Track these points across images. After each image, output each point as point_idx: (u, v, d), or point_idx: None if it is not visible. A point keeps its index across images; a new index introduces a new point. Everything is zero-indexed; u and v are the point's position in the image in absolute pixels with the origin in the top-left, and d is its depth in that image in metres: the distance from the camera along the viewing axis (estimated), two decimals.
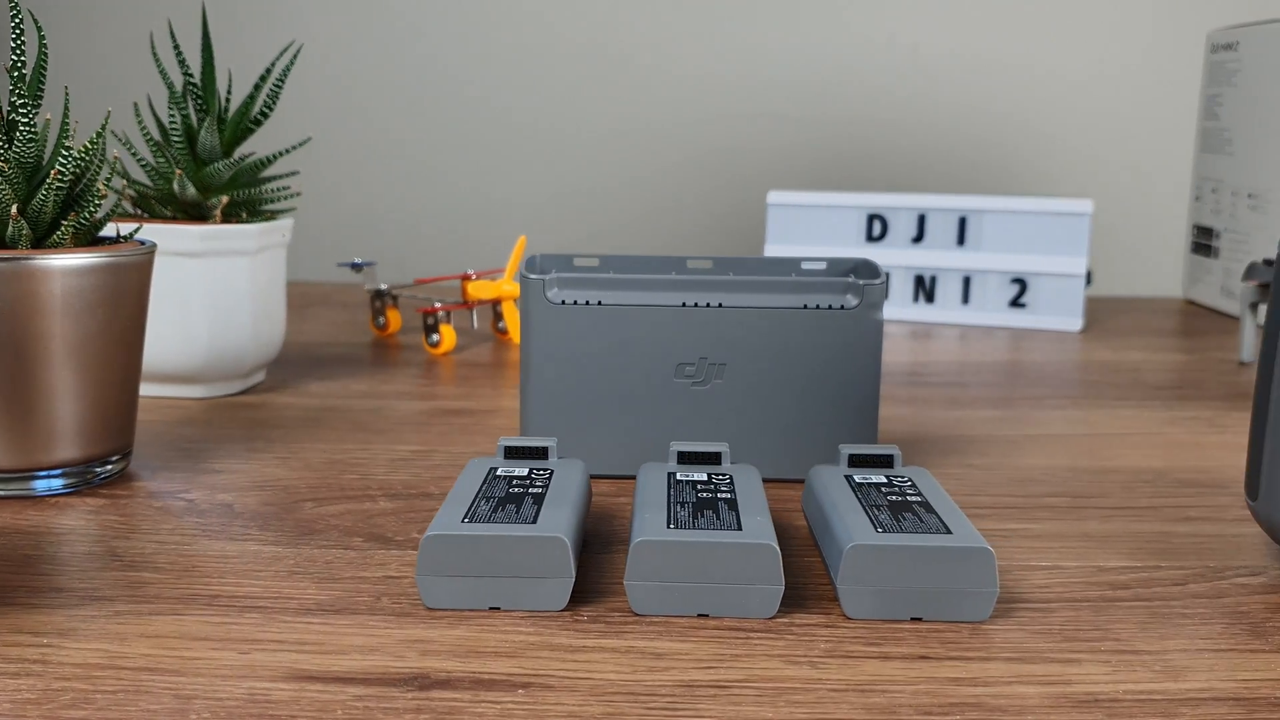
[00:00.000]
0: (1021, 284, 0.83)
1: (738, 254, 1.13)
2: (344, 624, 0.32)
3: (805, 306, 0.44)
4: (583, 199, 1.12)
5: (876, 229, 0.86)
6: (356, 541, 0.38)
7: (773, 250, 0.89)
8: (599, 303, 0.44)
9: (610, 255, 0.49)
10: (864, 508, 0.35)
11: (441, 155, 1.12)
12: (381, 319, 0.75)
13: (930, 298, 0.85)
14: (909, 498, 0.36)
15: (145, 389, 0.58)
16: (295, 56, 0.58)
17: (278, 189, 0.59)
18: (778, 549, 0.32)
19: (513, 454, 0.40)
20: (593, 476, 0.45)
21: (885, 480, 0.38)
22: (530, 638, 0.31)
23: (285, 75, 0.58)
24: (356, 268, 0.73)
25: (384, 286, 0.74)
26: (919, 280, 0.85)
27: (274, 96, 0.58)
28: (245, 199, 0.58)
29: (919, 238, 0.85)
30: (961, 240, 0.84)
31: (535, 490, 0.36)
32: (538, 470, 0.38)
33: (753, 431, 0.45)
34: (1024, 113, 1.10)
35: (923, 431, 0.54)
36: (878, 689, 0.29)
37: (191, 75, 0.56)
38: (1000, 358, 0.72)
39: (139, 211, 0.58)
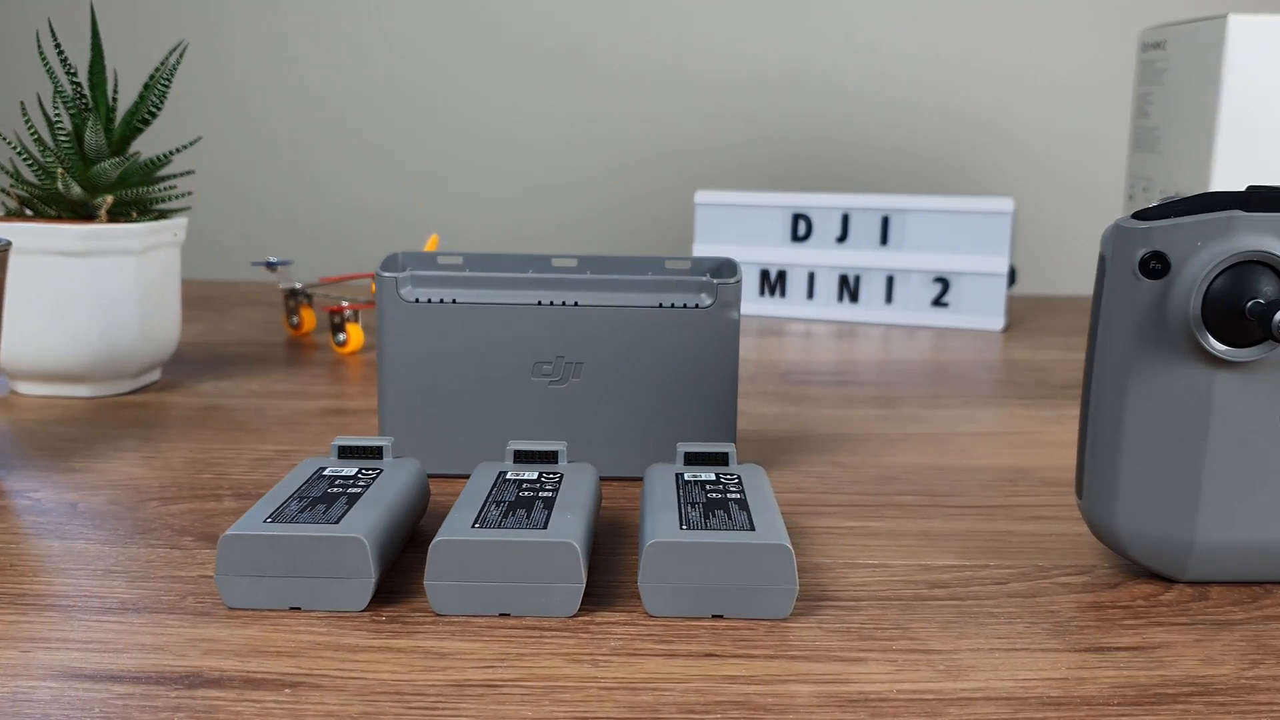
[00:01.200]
0: (944, 283, 0.83)
1: (676, 254, 1.13)
2: (139, 623, 0.32)
3: (661, 305, 0.44)
4: (518, 197, 1.12)
5: (801, 229, 0.86)
6: (186, 541, 0.38)
7: (701, 250, 0.89)
8: (453, 301, 0.44)
9: (475, 253, 0.49)
10: (678, 505, 0.35)
11: (367, 153, 1.12)
12: (295, 318, 0.74)
13: (855, 297, 0.85)
14: (729, 495, 0.36)
15: (33, 388, 0.58)
16: (182, 55, 0.58)
17: (165, 188, 0.59)
18: (577, 546, 0.32)
19: (347, 453, 0.39)
20: (451, 476, 0.45)
21: (713, 478, 0.38)
22: (320, 638, 0.31)
23: (173, 74, 0.58)
24: (271, 267, 0.73)
25: (298, 285, 0.74)
26: (844, 280, 0.85)
27: (161, 95, 0.58)
28: (134, 198, 0.58)
29: (843, 237, 0.85)
30: (885, 240, 0.84)
31: (354, 490, 0.36)
32: (366, 470, 0.38)
33: (611, 429, 0.45)
34: (969, 111, 1.10)
35: (804, 429, 0.53)
36: (650, 687, 0.28)
37: (75, 74, 0.56)
38: (915, 357, 0.71)
39: (26, 211, 0.58)
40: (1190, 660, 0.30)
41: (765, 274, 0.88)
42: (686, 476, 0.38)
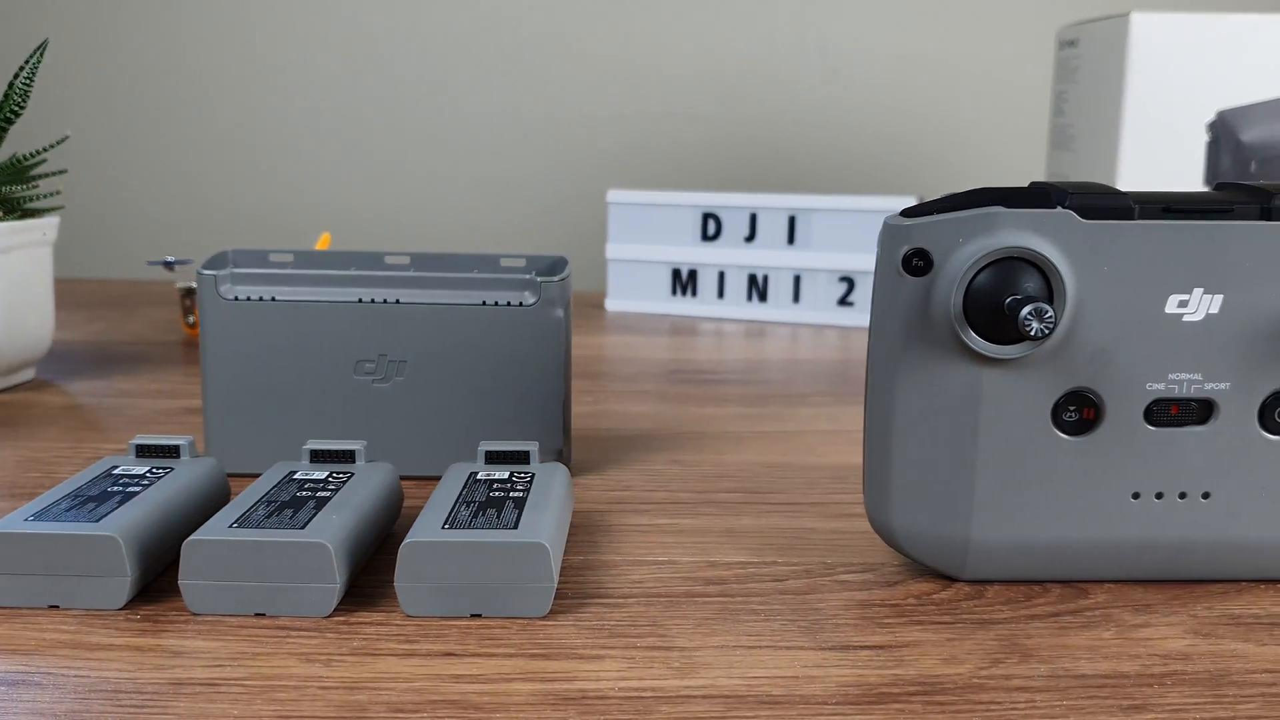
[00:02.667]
0: (850, 282, 0.83)
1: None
2: None
3: (484, 303, 0.44)
4: (460, 194, 1.12)
5: (711, 228, 0.86)
6: None
7: (613, 250, 0.89)
8: (273, 299, 0.44)
9: (308, 251, 0.49)
10: (454, 504, 0.35)
11: (286, 151, 1.11)
12: (191, 317, 0.74)
13: (764, 297, 0.85)
14: (511, 494, 0.36)
15: None
16: (42, 53, 0.58)
17: (31, 188, 0.58)
18: (330, 547, 0.32)
19: (144, 452, 0.39)
20: None
21: (505, 477, 0.38)
22: (64, 636, 0.31)
23: (34, 72, 0.58)
24: (169, 266, 0.73)
25: (194, 284, 0.74)
26: (752, 279, 0.85)
27: (24, 94, 0.58)
28: (2, 197, 0.58)
29: (751, 237, 0.85)
30: (791, 239, 0.84)
31: (133, 490, 0.36)
32: (157, 469, 0.38)
33: (434, 428, 0.45)
34: (915, 109, 1.10)
35: (661, 427, 0.53)
36: (370, 687, 0.28)
37: None
38: (815, 356, 0.71)
39: None
40: (930, 659, 0.30)
41: (677, 273, 0.88)
42: (480, 475, 0.38)
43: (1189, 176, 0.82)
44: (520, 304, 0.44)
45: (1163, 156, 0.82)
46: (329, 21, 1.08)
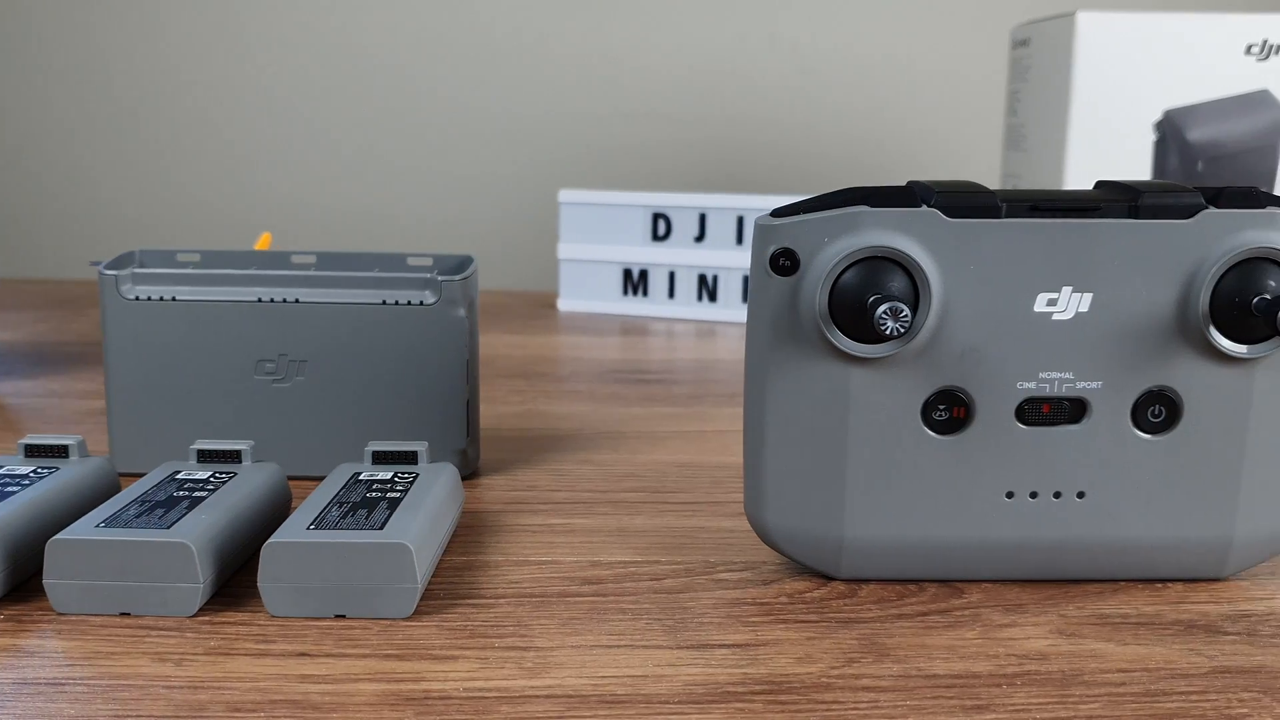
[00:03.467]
0: None
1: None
2: None
3: (384, 303, 0.44)
4: (421, 194, 1.12)
5: (661, 228, 0.86)
6: None
7: (564, 250, 0.89)
8: (173, 299, 0.44)
9: (216, 251, 0.48)
10: (327, 504, 0.35)
11: (230, 149, 1.11)
12: None
13: (713, 297, 0.85)
14: (389, 495, 0.36)
15: None
16: None
17: None
18: (193, 547, 0.32)
19: (33, 452, 0.39)
20: None
21: (388, 477, 0.38)
22: None
23: None
24: None
25: None
26: (702, 279, 0.85)
27: None
28: None
29: (701, 237, 0.85)
30: (740, 239, 0.84)
31: (11, 490, 0.36)
32: (42, 469, 0.38)
33: (335, 429, 0.44)
34: (873, 107, 1.10)
35: (582, 428, 0.53)
36: (214, 687, 0.28)
37: None
38: None
39: None
40: (785, 659, 0.30)
41: (628, 273, 0.88)
42: (362, 476, 0.38)
43: (1137, 175, 0.82)
44: (421, 303, 0.44)
45: (1110, 156, 0.82)
46: (291, 21, 1.08)
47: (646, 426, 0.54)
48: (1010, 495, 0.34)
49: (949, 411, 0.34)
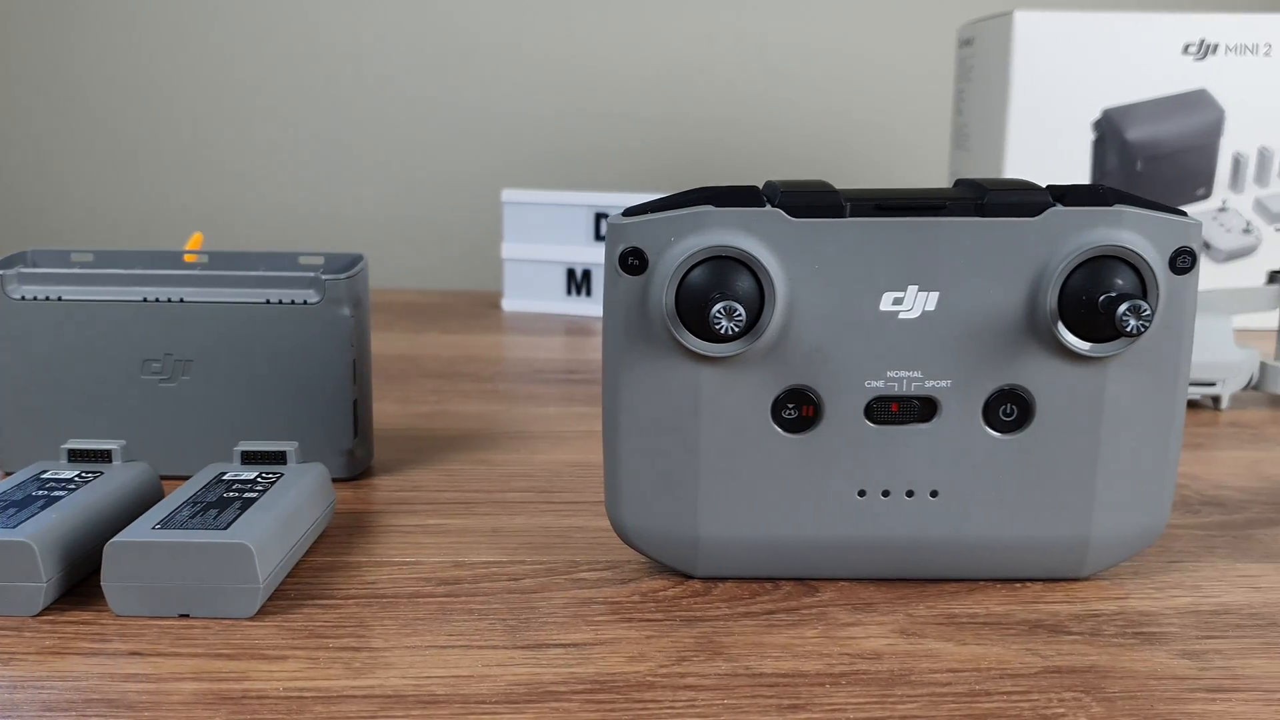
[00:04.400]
0: None
1: None
2: None
3: (269, 302, 0.44)
4: (386, 194, 1.12)
5: (603, 228, 0.86)
6: None
7: (508, 250, 0.89)
8: (59, 298, 0.44)
9: (109, 251, 0.48)
10: (181, 504, 0.35)
11: (161, 151, 1.11)
12: None
13: None
14: (247, 495, 0.36)
15: None
16: None
17: None
18: (34, 546, 0.32)
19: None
20: None
21: (251, 477, 0.38)
22: None
23: None
24: None
25: None
26: None
27: None
28: None
29: None
30: None
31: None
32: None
33: (221, 428, 0.44)
34: (833, 107, 1.10)
35: (487, 427, 0.53)
36: (36, 685, 0.28)
37: None
38: None
39: None
40: (618, 658, 0.30)
41: (571, 273, 0.88)
42: (226, 475, 0.38)
43: (1076, 175, 0.82)
44: (305, 302, 0.44)
45: (1049, 155, 0.82)
46: (231, 18, 1.07)
47: (555, 426, 0.54)
48: (862, 494, 0.34)
49: (798, 410, 0.34)
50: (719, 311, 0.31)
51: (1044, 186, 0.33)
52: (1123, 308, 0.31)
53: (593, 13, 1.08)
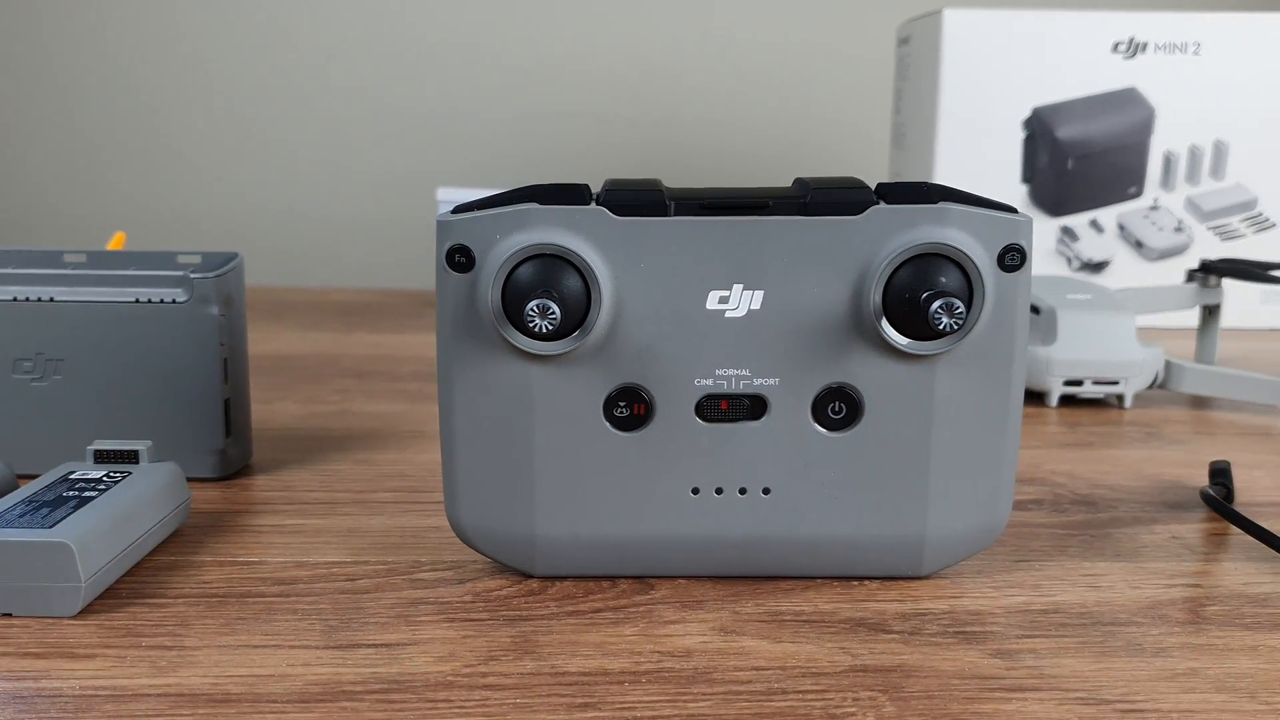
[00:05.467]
0: None
1: None
2: None
3: (138, 301, 0.44)
4: (357, 193, 1.12)
5: None
6: None
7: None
8: None
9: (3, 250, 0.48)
10: (16, 502, 0.35)
11: (65, 148, 1.11)
12: None
13: None
14: (86, 494, 0.36)
15: None
16: None
17: None
18: None
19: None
20: None
21: (98, 476, 0.37)
22: None
23: None
24: None
25: None
26: None
27: None
28: None
29: None
30: None
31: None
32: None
33: (92, 428, 0.44)
34: (788, 105, 1.10)
35: (382, 427, 0.53)
36: None
37: None
38: None
39: None
40: (426, 658, 0.30)
41: None
42: (74, 474, 0.38)
43: (1007, 174, 0.82)
44: (174, 301, 0.44)
45: (979, 153, 0.82)
46: (187, 17, 1.07)
47: None
48: (696, 491, 0.34)
49: (630, 408, 0.34)
50: (533, 309, 0.31)
51: (866, 186, 0.33)
52: (935, 305, 0.31)
53: (543, 11, 1.08)
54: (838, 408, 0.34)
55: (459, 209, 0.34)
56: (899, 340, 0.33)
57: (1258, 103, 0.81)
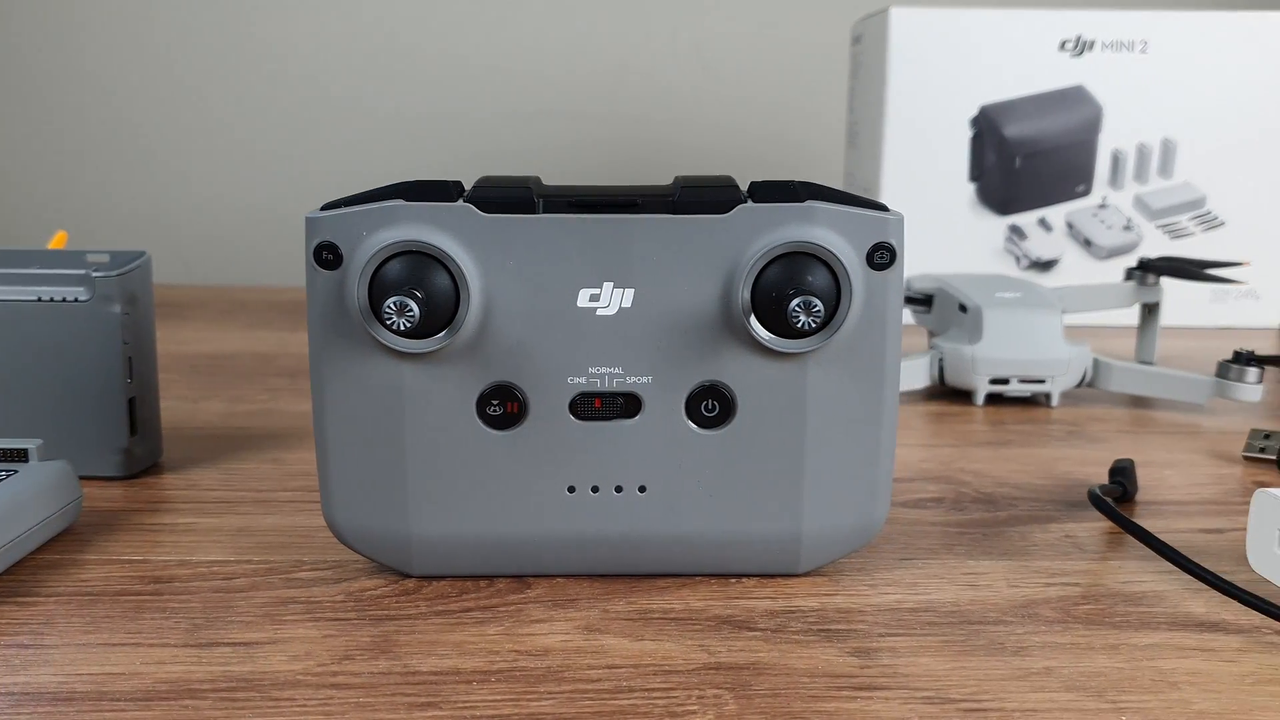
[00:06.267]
0: None
1: None
2: None
3: (40, 299, 0.44)
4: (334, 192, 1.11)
5: None
6: None
7: None
8: None
9: None
10: None
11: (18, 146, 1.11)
12: None
13: None
14: None
15: None
16: None
17: None
18: None
19: None
20: None
21: None
22: None
23: None
24: None
25: None
26: None
27: None
28: None
29: None
30: None
31: None
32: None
33: (7, 429, 0.44)
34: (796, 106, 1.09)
35: (300, 427, 0.53)
36: None
37: None
38: None
39: None
40: (280, 657, 0.30)
41: None
42: None
43: (954, 172, 0.82)
44: (75, 300, 0.44)
45: (927, 152, 0.81)
46: (170, 17, 1.07)
47: None
48: (572, 490, 0.34)
49: (503, 406, 0.34)
50: (390, 306, 0.31)
51: (735, 185, 0.33)
52: (793, 304, 0.31)
53: (515, 12, 1.07)
54: (711, 405, 0.34)
55: (327, 205, 0.33)
56: (767, 338, 0.32)
57: (1206, 101, 0.81)
